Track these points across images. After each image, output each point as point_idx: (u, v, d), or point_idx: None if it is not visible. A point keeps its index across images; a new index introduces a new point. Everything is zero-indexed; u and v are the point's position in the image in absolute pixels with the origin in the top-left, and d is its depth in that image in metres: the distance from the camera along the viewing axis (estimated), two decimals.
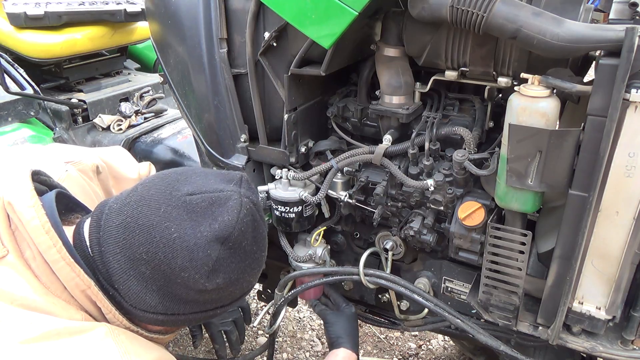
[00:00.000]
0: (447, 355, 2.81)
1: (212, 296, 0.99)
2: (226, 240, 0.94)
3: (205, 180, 0.99)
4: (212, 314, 1.06)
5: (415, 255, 1.70)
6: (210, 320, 1.12)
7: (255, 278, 1.08)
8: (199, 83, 1.66)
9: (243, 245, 0.97)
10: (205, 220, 0.93)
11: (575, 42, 1.09)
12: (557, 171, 1.16)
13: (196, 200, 0.94)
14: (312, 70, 1.47)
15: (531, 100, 1.13)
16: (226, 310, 1.08)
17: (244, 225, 0.96)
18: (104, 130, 2.43)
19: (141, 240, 0.92)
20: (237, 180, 1.02)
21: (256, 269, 1.06)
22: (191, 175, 1.01)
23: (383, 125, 1.58)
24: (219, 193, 0.96)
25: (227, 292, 1.01)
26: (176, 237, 0.92)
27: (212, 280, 0.95)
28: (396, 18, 1.43)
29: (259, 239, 1.02)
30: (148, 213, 0.93)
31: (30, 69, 2.37)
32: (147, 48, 3.13)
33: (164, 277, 0.93)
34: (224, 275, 0.96)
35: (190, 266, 0.92)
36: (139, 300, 0.96)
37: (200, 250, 0.92)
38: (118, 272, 0.94)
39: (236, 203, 0.96)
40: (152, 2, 1.74)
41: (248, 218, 0.97)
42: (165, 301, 0.96)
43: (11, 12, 2.32)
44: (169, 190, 0.96)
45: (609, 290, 1.23)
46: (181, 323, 1.04)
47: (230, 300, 1.06)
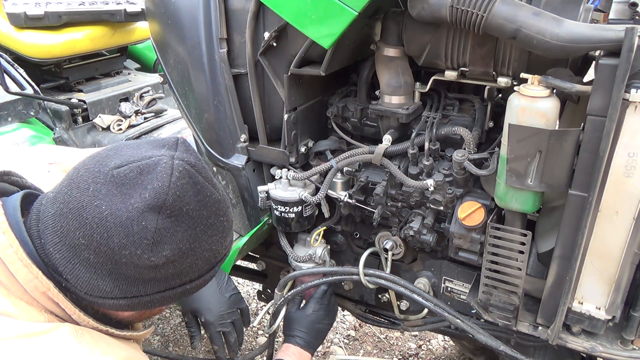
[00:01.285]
0: (447, 355, 2.81)
1: (168, 271, 0.92)
2: (161, 207, 0.87)
3: (135, 150, 0.92)
4: (182, 290, 0.98)
5: (415, 255, 1.70)
6: (186, 297, 1.04)
7: (221, 245, 1.00)
8: (199, 83, 1.66)
9: (185, 211, 0.89)
10: (135, 191, 0.87)
11: (575, 42, 1.09)
12: (557, 171, 1.16)
13: (124, 172, 0.88)
14: (312, 70, 1.47)
15: (531, 100, 1.13)
16: (198, 285, 1.01)
17: (179, 188, 0.88)
18: (104, 130, 2.43)
19: (75, 224, 0.88)
20: (171, 144, 0.94)
21: (215, 235, 0.97)
22: (122, 148, 0.94)
23: (383, 125, 1.58)
24: (147, 160, 0.89)
25: (186, 264, 0.94)
26: (107, 214, 0.86)
27: (158, 253, 0.88)
28: (396, 18, 1.43)
29: (207, 202, 0.94)
30: (77, 195, 0.88)
31: (30, 69, 2.37)
32: (147, 48, 3.13)
33: (109, 259, 0.88)
34: (170, 246, 0.89)
35: (128, 242, 0.86)
36: (92, 287, 0.91)
37: (135, 223, 0.86)
38: (62, 262, 0.90)
39: (166, 167, 0.88)
40: (152, 2, 1.73)
41: (184, 181, 0.89)
42: (120, 284, 0.91)
43: (11, 12, 2.32)
44: (97, 168, 0.90)
45: (609, 290, 1.23)
46: (150, 305, 0.97)
47: (197, 273, 0.98)
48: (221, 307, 1.50)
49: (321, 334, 1.61)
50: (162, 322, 2.99)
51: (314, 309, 1.61)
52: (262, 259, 2.04)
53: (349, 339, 2.90)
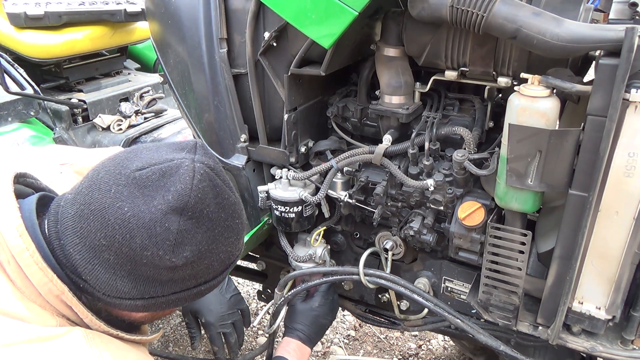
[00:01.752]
0: (447, 355, 2.81)
1: (186, 272, 0.94)
2: (183, 210, 0.88)
3: (155, 153, 0.94)
4: (197, 292, 1.00)
5: (415, 255, 1.70)
6: (199, 298, 1.06)
7: (235, 247, 1.02)
8: (199, 83, 1.66)
9: (205, 213, 0.91)
10: (158, 193, 0.88)
11: (575, 42, 1.09)
12: (557, 171, 1.16)
13: (146, 175, 0.89)
14: (312, 70, 1.47)
15: (531, 100, 1.13)
16: (212, 286, 1.03)
17: (201, 191, 0.90)
18: (104, 130, 2.43)
19: (96, 226, 0.88)
20: (190, 147, 0.95)
21: (231, 237, 0.99)
22: (141, 150, 0.96)
23: (383, 125, 1.58)
24: (169, 163, 0.91)
25: (203, 265, 0.96)
26: (130, 215, 0.87)
27: (179, 254, 0.90)
28: (396, 18, 1.43)
29: (225, 205, 0.96)
30: (99, 197, 0.89)
31: (30, 69, 2.37)
32: (147, 48, 3.13)
33: (129, 260, 0.89)
34: (191, 247, 0.91)
35: (150, 244, 0.88)
36: (110, 288, 0.92)
37: (158, 225, 0.87)
38: (82, 263, 0.91)
39: (188, 169, 0.90)
40: (152, 2, 1.74)
41: (204, 184, 0.91)
42: (138, 285, 0.92)
43: (11, 12, 2.32)
44: (118, 170, 0.91)
45: (609, 290, 1.23)
46: (165, 306, 0.98)
47: (212, 274, 1.00)
48: (222, 308, 1.50)
49: (323, 329, 1.61)
50: (162, 322, 2.99)
51: (320, 303, 1.60)
52: (262, 259, 2.04)
53: (349, 339, 2.90)
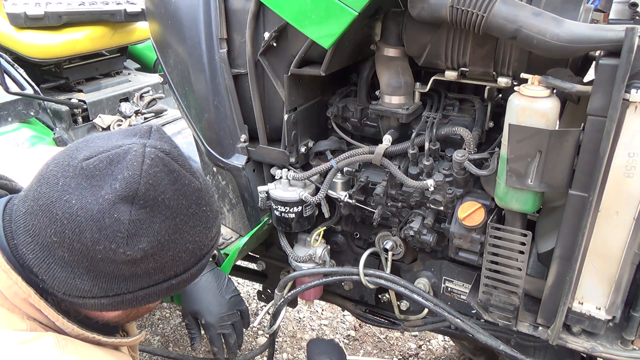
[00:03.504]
0: (447, 355, 2.81)
1: (149, 265, 0.87)
2: (134, 198, 0.82)
3: (106, 141, 0.87)
4: (168, 286, 0.93)
5: (415, 255, 1.70)
6: (174, 293, 0.99)
7: (206, 236, 0.95)
8: (199, 83, 1.66)
9: (161, 200, 0.85)
10: (106, 182, 0.82)
11: (575, 42, 1.09)
12: (557, 171, 1.16)
13: (93, 164, 0.83)
14: (312, 70, 1.47)
15: (531, 100, 1.13)
16: (185, 279, 0.96)
17: (152, 177, 0.84)
18: (104, 131, 2.43)
19: (45, 222, 0.83)
20: (144, 132, 0.89)
21: (198, 225, 0.92)
22: (93, 139, 0.89)
23: (383, 125, 1.58)
24: (117, 150, 0.84)
25: (167, 257, 0.89)
26: (78, 208, 0.81)
27: (134, 246, 0.83)
28: (396, 18, 1.43)
29: (186, 191, 0.89)
30: (47, 191, 0.84)
31: (30, 69, 2.37)
32: (147, 48, 3.13)
33: (84, 256, 0.83)
34: (147, 238, 0.84)
35: (101, 237, 0.81)
36: (70, 287, 0.86)
37: (107, 216, 0.81)
38: (37, 263, 0.85)
39: (137, 155, 0.84)
40: (152, 2, 1.74)
41: (157, 169, 0.85)
42: (99, 282, 0.86)
43: (11, 12, 2.32)
44: (66, 161, 0.85)
45: (609, 290, 1.23)
46: (136, 303, 0.91)
47: (182, 267, 0.93)
48: (221, 309, 1.49)
49: None
50: (162, 322, 2.99)
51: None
52: (262, 259, 2.04)
53: (349, 339, 2.90)
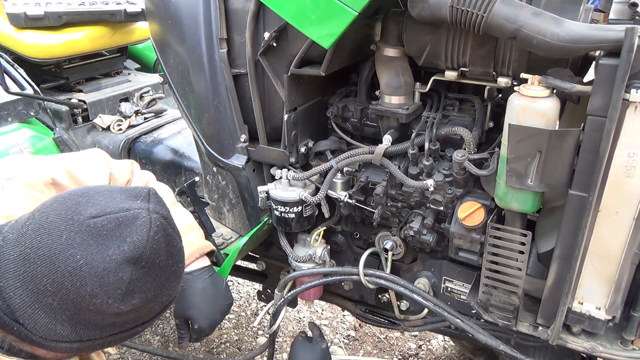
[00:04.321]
0: (447, 355, 2.81)
1: (129, 316, 0.94)
2: (138, 260, 0.89)
3: (109, 199, 0.93)
4: (133, 332, 1.00)
5: (415, 255, 1.70)
6: (131, 338, 1.04)
7: (175, 289, 1.03)
8: (199, 83, 1.66)
9: (157, 263, 0.93)
10: (113, 242, 0.88)
11: (575, 42, 1.09)
12: (557, 171, 1.16)
13: (101, 223, 0.89)
14: (312, 70, 1.47)
15: (531, 100, 1.13)
16: (148, 325, 1.03)
17: (156, 242, 0.91)
18: (104, 131, 2.43)
19: (44, 271, 0.86)
20: (144, 195, 0.96)
21: (175, 281, 1.00)
22: (93, 195, 0.94)
23: (383, 125, 1.58)
24: (125, 212, 0.91)
25: (146, 309, 0.96)
26: (82, 264, 0.86)
27: (128, 302, 0.90)
28: (396, 18, 1.43)
29: (173, 252, 0.97)
30: (49, 242, 0.87)
31: (30, 69, 2.36)
32: (147, 48, 3.12)
33: (74, 305, 0.88)
34: (139, 295, 0.91)
35: (101, 292, 0.87)
36: (48, 331, 0.90)
37: (111, 274, 0.87)
38: (22, 307, 0.88)
39: (145, 221, 0.91)
40: (152, 2, 1.74)
41: (159, 235, 0.92)
42: (78, 329, 0.91)
43: (11, 12, 2.32)
44: (70, 215, 0.90)
45: (609, 290, 1.23)
46: (99, 347, 0.98)
47: (151, 315, 1.01)
48: (215, 317, 1.49)
49: None
50: (162, 323, 2.99)
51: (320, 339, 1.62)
52: (262, 259, 2.04)
53: (349, 339, 2.90)
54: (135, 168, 1.50)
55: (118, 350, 2.72)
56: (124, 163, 1.48)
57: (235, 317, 3.05)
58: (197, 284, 1.46)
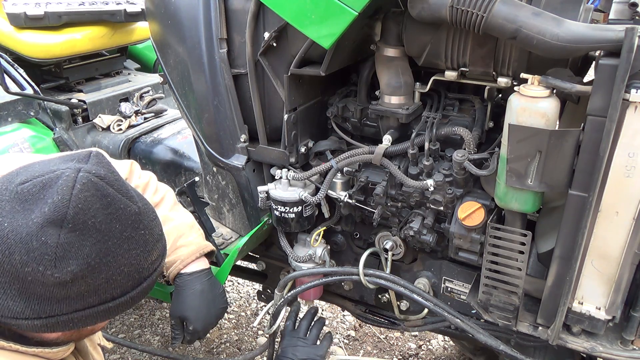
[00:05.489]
0: (447, 355, 2.81)
1: (81, 288, 0.88)
2: (62, 222, 0.84)
3: (44, 165, 0.90)
4: (105, 309, 0.93)
5: (415, 255, 1.70)
6: (114, 316, 0.98)
7: (144, 260, 0.95)
8: (198, 83, 1.66)
9: (91, 224, 0.86)
10: (37, 206, 0.85)
11: (575, 42, 1.09)
12: (557, 171, 1.16)
13: (27, 188, 0.86)
14: (312, 70, 1.47)
15: (531, 100, 1.13)
16: (123, 303, 0.95)
17: (82, 201, 0.85)
18: (103, 131, 2.43)
19: None
20: (82, 157, 0.91)
21: (135, 249, 0.93)
22: (33, 164, 0.91)
23: (383, 125, 1.58)
24: (50, 174, 0.87)
25: (100, 280, 0.89)
26: (9, 231, 0.84)
27: (62, 269, 0.84)
28: (396, 18, 1.43)
29: (120, 215, 0.90)
30: None
31: (30, 69, 2.36)
32: (147, 48, 3.13)
33: (15, 278, 0.85)
34: (76, 261, 0.85)
35: (29, 259, 0.83)
36: (3, 308, 0.87)
37: (34, 239, 0.83)
38: None
39: (68, 179, 0.86)
40: (152, 2, 1.74)
41: (87, 193, 0.86)
42: (31, 304, 0.87)
43: (11, 12, 2.32)
44: (5, 185, 0.88)
45: (609, 290, 1.23)
46: (72, 325, 0.92)
47: (119, 290, 0.93)
48: (210, 319, 1.49)
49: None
50: (162, 323, 2.99)
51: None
52: (262, 259, 2.04)
53: (349, 339, 2.90)
54: (134, 168, 1.49)
55: (118, 350, 2.72)
56: (123, 163, 1.47)
57: (235, 317, 3.05)
58: (195, 285, 1.46)
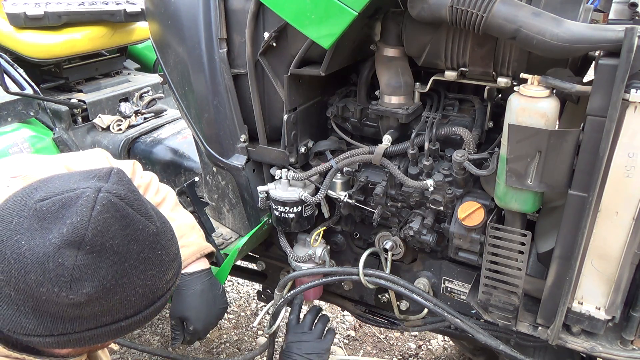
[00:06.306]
0: (447, 355, 2.81)
1: (95, 309, 0.87)
2: (80, 244, 0.82)
3: (64, 181, 0.88)
4: (118, 328, 0.92)
5: (415, 255, 1.70)
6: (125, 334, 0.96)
7: (160, 280, 0.94)
8: (198, 83, 1.66)
9: (109, 246, 0.84)
10: (55, 225, 0.83)
11: (575, 43, 1.09)
12: (557, 171, 1.16)
13: (46, 206, 0.84)
14: (311, 70, 1.47)
15: (531, 100, 1.13)
16: (136, 322, 0.94)
17: (101, 223, 0.83)
18: (103, 131, 2.43)
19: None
20: (103, 175, 0.89)
21: (151, 270, 0.91)
22: (53, 179, 0.89)
23: (383, 125, 1.58)
24: (70, 193, 0.85)
25: (114, 301, 0.88)
26: (26, 249, 0.82)
27: (77, 291, 0.83)
28: (396, 18, 1.43)
29: (138, 236, 0.89)
30: (0, 229, 0.84)
31: (30, 69, 2.37)
32: (147, 48, 3.13)
33: (29, 296, 0.83)
34: (92, 283, 0.83)
35: (45, 280, 0.81)
36: (15, 325, 0.86)
37: (51, 260, 0.81)
38: None
39: (88, 200, 0.84)
40: (152, 2, 1.74)
41: (107, 215, 0.84)
42: (44, 322, 0.86)
43: (11, 12, 2.32)
44: (23, 200, 0.86)
45: (609, 290, 1.23)
46: (83, 342, 0.91)
47: (132, 310, 0.92)
48: (211, 320, 1.49)
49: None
50: (162, 323, 2.99)
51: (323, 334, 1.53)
52: (262, 259, 2.04)
53: (349, 339, 2.90)
54: (137, 168, 1.49)
55: (118, 350, 2.72)
56: (126, 163, 1.47)
57: (235, 317, 3.05)
58: (195, 286, 1.46)
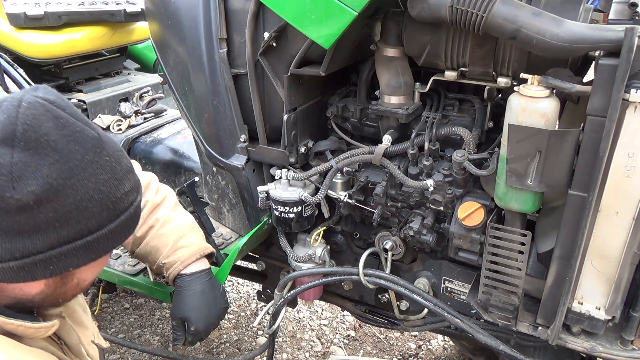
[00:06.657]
0: (447, 355, 2.81)
1: (49, 215, 0.84)
2: (12, 140, 0.82)
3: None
4: (85, 244, 0.89)
5: (415, 255, 1.70)
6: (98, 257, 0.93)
7: (114, 187, 0.91)
8: (198, 83, 1.66)
9: (44, 142, 0.83)
10: None
11: (575, 43, 1.09)
12: (557, 171, 1.16)
13: None
14: (311, 70, 1.47)
15: (531, 100, 1.13)
16: (103, 237, 0.91)
17: (30, 118, 0.83)
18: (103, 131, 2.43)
19: None
20: (31, 88, 0.90)
21: (100, 174, 0.89)
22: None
23: (383, 125, 1.58)
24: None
25: (68, 205, 0.85)
26: None
27: (22, 189, 0.81)
28: (396, 18, 1.43)
29: (78, 138, 0.87)
30: None
31: (30, 69, 2.37)
32: (147, 48, 3.13)
33: None
34: (35, 181, 0.82)
35: None
36: None
37: None
38: None
39: (13, 101, 0.85)
40: (152, 2, 1.74)
41: (35, 111, 0.84)
42: (2, 242, 0.84)
43: (11, 12, 2.33)
44: None
45: (609, 290, 1.23)
46: (52, 267, 0.88)
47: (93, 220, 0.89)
48: (212, 320, 1.49)
49: None
50: (162, 323, 2.99)
51: None
52: (262, 259, 2.04)
53: (349, 339, 2.90)
54: (136, 167, 1.49)
55: (118, 350, 2.72)
56: None
57: (235, 317, 3.05)
58: (196, 286, 1.46)
